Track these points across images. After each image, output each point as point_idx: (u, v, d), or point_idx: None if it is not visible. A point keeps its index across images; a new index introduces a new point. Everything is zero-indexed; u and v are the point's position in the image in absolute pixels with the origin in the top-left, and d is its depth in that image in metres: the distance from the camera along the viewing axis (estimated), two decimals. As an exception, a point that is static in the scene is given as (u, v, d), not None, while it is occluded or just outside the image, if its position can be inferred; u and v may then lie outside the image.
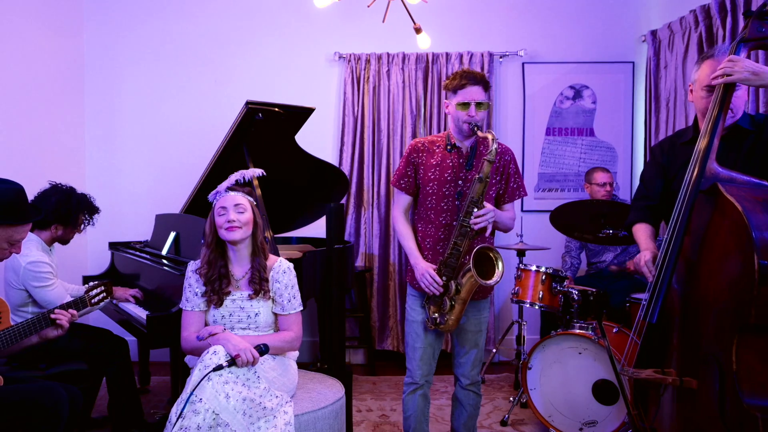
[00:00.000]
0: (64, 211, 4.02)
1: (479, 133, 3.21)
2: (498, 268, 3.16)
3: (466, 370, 3.51)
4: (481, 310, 3.47)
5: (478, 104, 3.24)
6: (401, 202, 3.52)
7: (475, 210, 3.16)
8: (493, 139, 3.14)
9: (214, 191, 3.23)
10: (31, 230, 4.00)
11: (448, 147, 3.38)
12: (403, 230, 3.48)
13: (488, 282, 3.14)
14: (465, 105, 3.24)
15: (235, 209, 3.09)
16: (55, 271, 3.95)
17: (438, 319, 3.29)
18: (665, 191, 3.11)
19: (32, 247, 3.89)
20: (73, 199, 4.08)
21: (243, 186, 3.29)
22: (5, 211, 2.87)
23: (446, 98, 3.39)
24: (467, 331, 3.46)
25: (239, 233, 3.09)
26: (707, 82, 2.84)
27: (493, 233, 3.42)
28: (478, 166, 3.24)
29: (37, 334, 3.03)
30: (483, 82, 3.29)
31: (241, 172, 3.31)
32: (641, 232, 3.13)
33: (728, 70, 2.66)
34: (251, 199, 3.21)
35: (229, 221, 3.07)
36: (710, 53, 2.90)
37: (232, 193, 3.17)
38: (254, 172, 3.39)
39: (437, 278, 3.23)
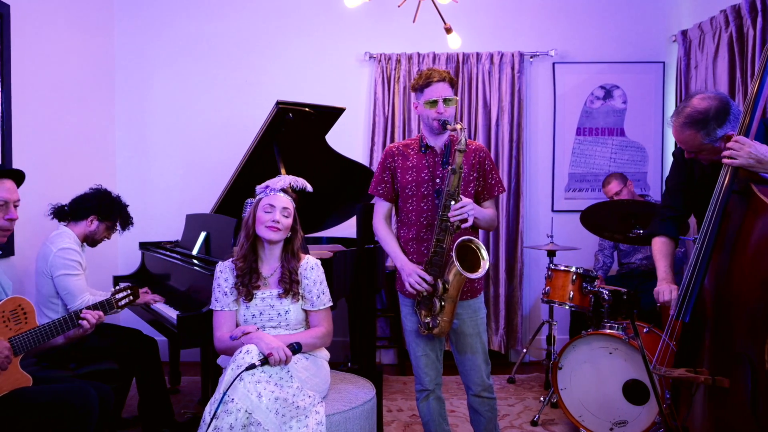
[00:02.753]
0: (107, 202, 4.11)
1: (448, 127, 3.18)
2: (483, 259, 3.09)
3: (474, 378, 3.38)
4: (477, 311, 3.36)
5: (446, 100, 3.21)
6: (381, 208, 3.51)
7: (453, 203, 3.10)
8: (461, 129, 3.11)
9: (263, 185, 3.25)
10: (67, 223, 4.06)
11: (422, 148, 3.35)
12: (385, 236, 3.46)
13: (474, 275, 3.04)
14: (433, 102, 3.21)
15: (282, 212, 3.13)
16: (83, 265, 3.98)
17: (430, 323, 3.19)
18: (691, 200, 3.07)
19: (65, 237, 3.92)
20: (116, 199, 4.20)
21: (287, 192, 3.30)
22: None
23: (415, 99, 3.35)
24: (465, 335, 3.34)
25: (278, 235, 3.13)
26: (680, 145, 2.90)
27: (476, 230, 3.39)
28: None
29: (63, 334, 3.04)
30: (448, 78, 3.26)
31: (294, 177, 3.31)
32: (660, 254, 3.09)
33: (734, 153, 2.56)
34: (294, 206, 3.23)
35: (273, 221, 3.10)
36: (671, 116, 2.87)
37: (283, 195, 3.19)
38: (305, 184, 3.38)
39: (426, 276, 3.16)
